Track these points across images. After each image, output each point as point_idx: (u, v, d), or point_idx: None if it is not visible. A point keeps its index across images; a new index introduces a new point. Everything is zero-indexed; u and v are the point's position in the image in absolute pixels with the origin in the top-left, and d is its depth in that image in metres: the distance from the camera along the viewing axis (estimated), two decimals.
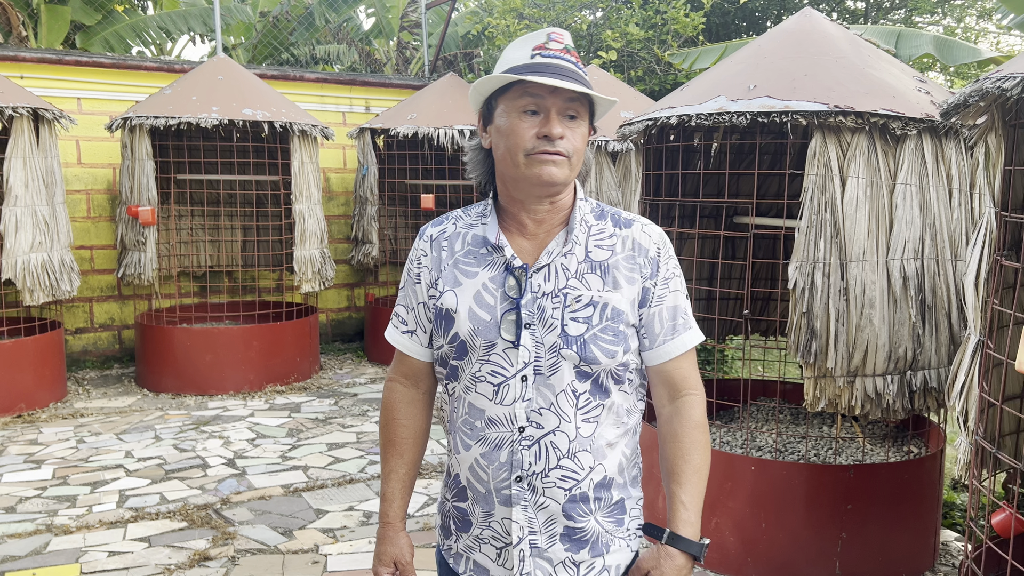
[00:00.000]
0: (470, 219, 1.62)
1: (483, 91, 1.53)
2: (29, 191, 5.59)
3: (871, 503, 3.34)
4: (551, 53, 1.49)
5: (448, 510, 1.66)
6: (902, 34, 4.55)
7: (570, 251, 1.54)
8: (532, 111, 1.48)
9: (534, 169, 1.47)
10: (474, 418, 1.56)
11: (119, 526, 3.89)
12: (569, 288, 1.52)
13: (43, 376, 5.88)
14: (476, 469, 1.56)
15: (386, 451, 1.69)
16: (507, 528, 1.54)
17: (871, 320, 3.12)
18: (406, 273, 1.66)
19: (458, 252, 1.59)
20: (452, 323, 1.55)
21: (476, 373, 1.54)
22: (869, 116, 3.05)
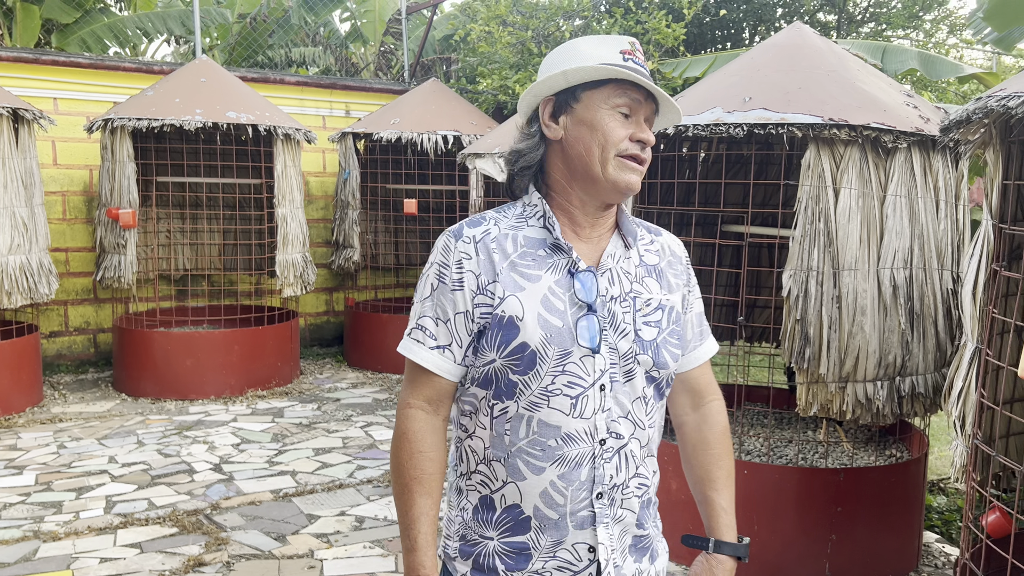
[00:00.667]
0: (511, 220, 1.49)
1: (574, 79, 1.43)
2: (8, 192, 5.50)
3: (860, 506, 3.43)
4: (639, 62, 1.45)
5: (493, 549, 1.46)
6: (887, 49, 4.70)
7: (628, 255, 1.53)
8: (625, 113, 1.44)
9: (622, 174, 1.44)
10: (546, 437, 1.43)
11: (109, 532, 3.85)
12: (635, 292, 1.50)
13: (19, 380, 5.78)
14: (551, 494, 1.43)
15: (411, 489, 1.45)
16: (579, 554, 1.45)
17: (862, 327, 3.21)
18: (434, 279, 1.46)
19: (512, 254, 1.45)
20: (516, 332, 1.41)
21: (548, 386, 1.42)
22: (862, 129, 3.14)
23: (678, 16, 7.67)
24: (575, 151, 1.45)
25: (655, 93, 1.45)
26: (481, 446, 1.48)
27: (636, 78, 1.41)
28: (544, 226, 1.48)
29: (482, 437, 1.47)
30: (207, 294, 7.61)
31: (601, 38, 1.48)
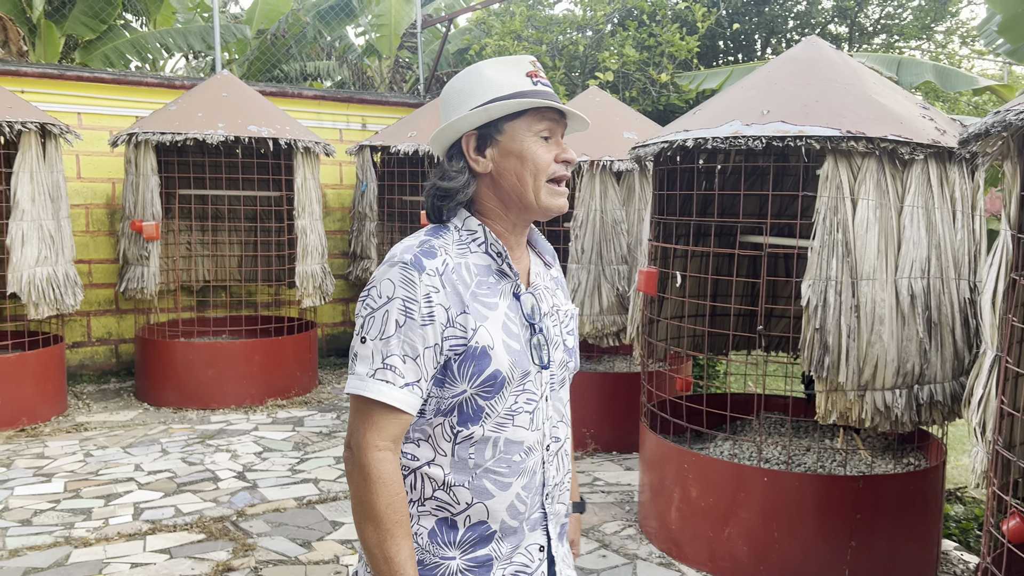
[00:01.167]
0: (454, 247, 1.49)
1: (497, 113, 1.47)
2: (36, 205, 5.61)
3: (879, 513, 3.47)
4: (543, 80, 1.51)
5: (457, 568, 1.49)
6: (902, 62, 4.76)
7: (545, 271, 1.63)
8: (546, 136, 1.49)
9: (553, 199, 1.50)
10: (511, 453, 1.49)
11: (138, 538, 3.92)
12: (556, 306, 1.60)
13: (45, 390, 5.87)
14: (516, 504, 1.50)
15: (395, 533, 1.41)
16: (532, 555, 1.54)
17: (881, 336, 3.26)
18: (399, 316, 1.41)
19: (471, 284, 1.47)
20: (488, 361, 1.44)
21: (512, 407, 1.48)
22: (879, 141, 3.20)
23: (692, 29, 7.75)
24: (508, 182, 1.49)
25: (567, 112, 1.51)
26: (440, 473, 1.48)
27: (555, 104, 1.48)
28: (487, 252, 1.51)
29: (441, 464, 1.48)
30: (226, 305, 7.71)
31: (503, 61, 1.51)
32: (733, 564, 3.61)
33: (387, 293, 1.42)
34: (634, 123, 5.57)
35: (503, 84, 1.47)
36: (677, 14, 7.88)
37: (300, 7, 10.25)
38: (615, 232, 5.21)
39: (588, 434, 5.36)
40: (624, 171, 5.20)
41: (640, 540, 4.01)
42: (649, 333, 4.27)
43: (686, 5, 7.78)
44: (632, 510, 4.38)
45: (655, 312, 4.34)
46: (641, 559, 3.81)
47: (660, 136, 3.76)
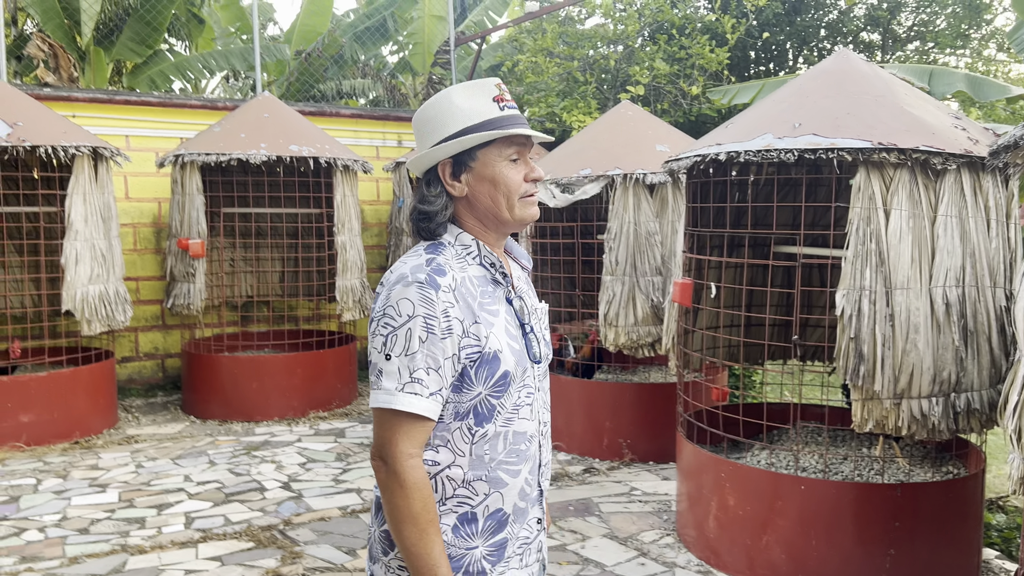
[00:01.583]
0: (454, 262, 1.61)
1: (469, 143, 1.59)
2: (88, 226, 5.83)
3: (918, 521, 3.48)
4: (510, 104, 1.63)
5: (480, 555, 1.62)
6: (934, 72, 4.77)
7: (523, 274, 1.80)
8: (516, 158, 1.62)
9: (526, 210, 1.65)
10: (519, 443, 1.64)
11: (190, 546, 4.06)
12: (534, 305, 1.78)
13: (97, 404, 6.08)
14: (524, 488, 1.66)
15: (429, 532, 1.54)
16: (531, 527, 1.72)
17: (916, 345, 3.29)
18: (422, 332, 1.52)
19: (477, 296, 1.60)
20: (499, 363, 1.58)
21: (516, 402, 1.63)
22: (911, 152, 3.24)
23: (721, 41, 7.80)
24: (483, 204, 1.64)
25: (532, 136, 1.64)
26: (460, 473, 1.60)
27: (523, 132, 1.60)
28: (481, 264, 1.65)
29: (460, 465, 1.60)
30: (267, 319, 7.89)
31: (471, 87, 1.63)
32: (771, 572, 3.65)
33: (407, 312, 1.53)
34: (666, 136, 5.63)
35: (472, 112, 1.60)
36: (707, 26, 7.94)
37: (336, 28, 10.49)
38: (649, 244, 5.27)
39: (625, 444, 5.41)
40: (657, 184, 5.27)
41: (678, 548, 4.05)
42: (685, 343, 4.33)
43: (715, 17, 7.83)
44: (669, 519, 4.43)
45: (690, 323, 4.40)
46: (680, 567, 3.85)
47: (693, 150, 3.83)
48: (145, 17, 7.95)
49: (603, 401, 5.49)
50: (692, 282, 4.04)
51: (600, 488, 4.92)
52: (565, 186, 5.44)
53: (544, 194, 5.58)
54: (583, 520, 4.40)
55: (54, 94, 6.95)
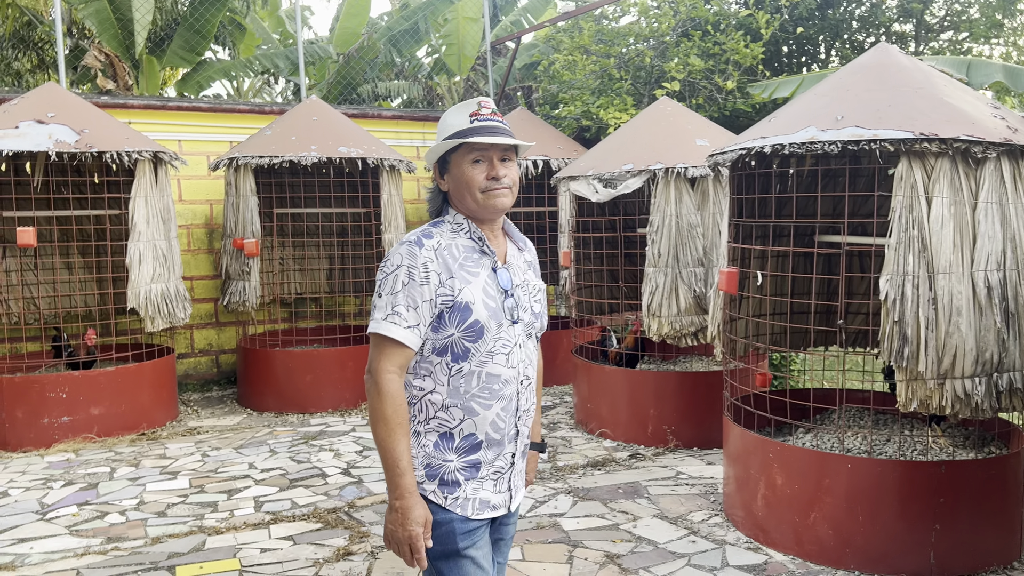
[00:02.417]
0: (447, 234, 2.06)
1: (439, 152, 2.08)
2: (150, 227, 6.11)
3: (961, 498, 3.61)
4: (484, 117, 2.04)
5: (454, 467, 2.03)
6: (972, 63, 4.88)
7: (518, 255, 2.20)
8: (477, 160, 2.03)
9: (491, 201, 2.04)
10: (491, 383, 2.04)
11: (262, 527, 4.30)
12: (526, 281, 2.17)
13: (160, 397, 6.37)
14: (496, 422, 2.06)
15: (397, 432, 1.94)
16: (507, 459, 2.12)
17: (959, 327, 3.42)
18: (404, 277, 1.96)
19: (459, 258, 2.03)
20: (470, 312, 1.99)
21: (491, 349, 2.03)
22: (952, 142, 3.37)
23: (756, 36, 7.91)
24: (457, 196, 2.09)
25: (493, 142, 2.01)
26: (439, 399, 2.02)
27: (472, 141, 2.00)
28: (471, 238, 2.08)
29: (440, 392, 2.02)
30: (315, 316, 8.15)
31: (460, 106, 2.08)
32: (819, 548, 3.79)
33: (396, 263, 2.00)
34: (705, 131, 5.78)
35: (452, 126, 2.06)
36: (740, 22, 8.04)
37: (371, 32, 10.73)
38: (691, 236, 5.43)
39: (669, 431, 5.58)
40: (698, 177, 5.42)
41: (727, 527, 4.21)
42: (730, 331, 4.48)
43: (748, 13, 7.94)
44: (716, 501, 4.58)
45: (735, 311, 4.55)
46: (729, 544, 4.02)
47: (737, 143, 3.99)
48: (195, 26, 8.25)
49: (647, 390, 5.65)
50: (738, 271, 4.19)
51: (647, 472, 5.09)
52: (608, 181, 5.61)
53: (586, 189, 5.75)
54: (632, 502, 4.58)
55: (111, 101, 7.25)
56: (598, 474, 5.08)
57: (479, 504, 2.07)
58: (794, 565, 3.78)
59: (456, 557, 2.05)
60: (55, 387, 5.81)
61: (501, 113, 2.15)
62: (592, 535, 4.14)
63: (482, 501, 2.08)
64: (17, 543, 4.14)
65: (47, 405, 5.78)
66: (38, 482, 5.08)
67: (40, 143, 5.60)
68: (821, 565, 3.77)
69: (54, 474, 5.23)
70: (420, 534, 1.96)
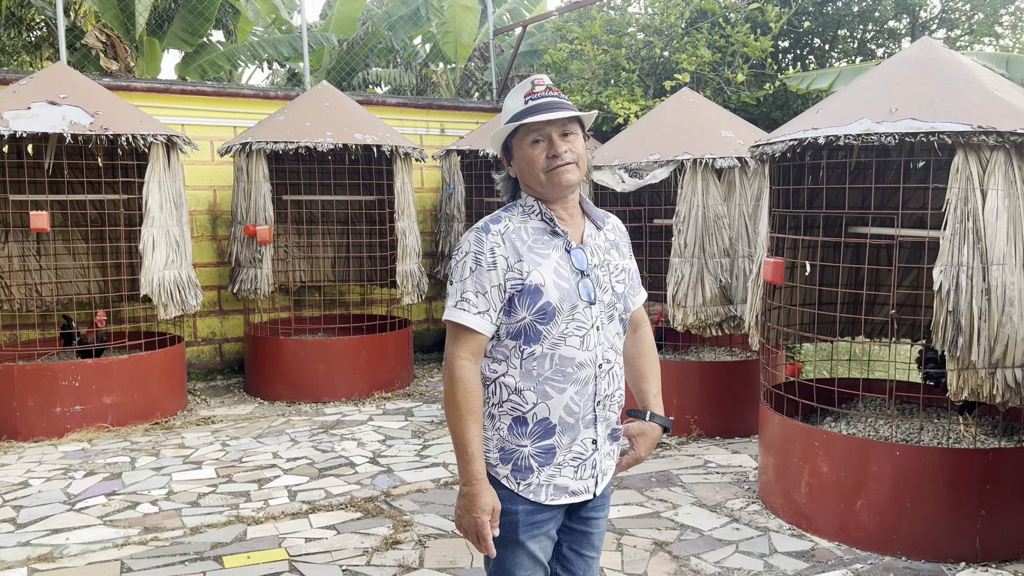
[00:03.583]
0: (518, 217, 2.05)
1: (499, 139, 2.08)
2: (163, 212, 5.98)
3: (1007, 484, 3.69)
4: (538, 95, 2.03)
5: (528, 453, 2.01)
6: (1011, 59, 4.97)
7: (598, 234, 2.14)
8: (537, 140, 2.01)
9: (556, 178, 2.01)
10: (565, 366, 2.00)
11: (302, 517, 4.24)
12: (607, 260, 2.11)
13: (171, 386, 6.25)
14: (571, 406, 2.02)
15: (467, 419, 1.94)
16: (586, 445, 2.07)
17: (1011, 317, 3.49)
18: (472, 264, 1.97)
19: (528, 240, 2.00)
20: (541, 295, 1.96)
21: (563, 331, 1.99)
22: (1009, 135, 3.43)
23: (764, 29, 7.97)
24: (525, 178, 2.07)
25: (554, 120, 1.99)
26: (512, 382, 2.01)
27: (527, 121, 1.98)
28: (542, 219, 2.06)
29: (513, 375, 2.01)
30: (319, 304, 8.06)
31: (516, 89, 2.08)
32: (865, 534, 3.85)
33: (465, 249, 2.00)
34: (728, 122, 5.81)
35: (509, 110, 2.07)
36: (748, 15, 8.09)
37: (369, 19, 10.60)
38: (717, 227, 5.46)
39: (692, 420, 5.62)
40: (725, 168, 5.45)
41: (767, 515, 4.26)
42: (768, 320, 4.52)
43: (757, 6, 8.00)
44: (750, 488, 4.63)
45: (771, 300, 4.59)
46: (773, 531, 4.06)
47: (787, 134, 4.01)
48: (197, 8, 8.07)
49: (669, 379, 5.67)
50: (784, 261, 4.22)
51: (676, 461, 5.12)
52: (634, 171, 5.61)
53: (611, 179, 5.75)
54: (668, 490, 4.61)
55: (114, 83, 7.07)
56: None
57: (555, 490, 2.04)
58: (840, 551, 3.84)
59: (515, 546, 2.04)
60: (67, 375, 5.67)
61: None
62: (636, 523, 4.15)
63: (558, 487, 2.04)
64: (51, 534, 4.04)
65: (59, 394, 5.64)
66: (58, 472, 4.96)
67: (55, 124, 5.45)
68: (868, 551, 3.83)
69: (72, 464, 5.11)
70: (487, 521, 1.95)
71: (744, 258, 5.48)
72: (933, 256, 3.69)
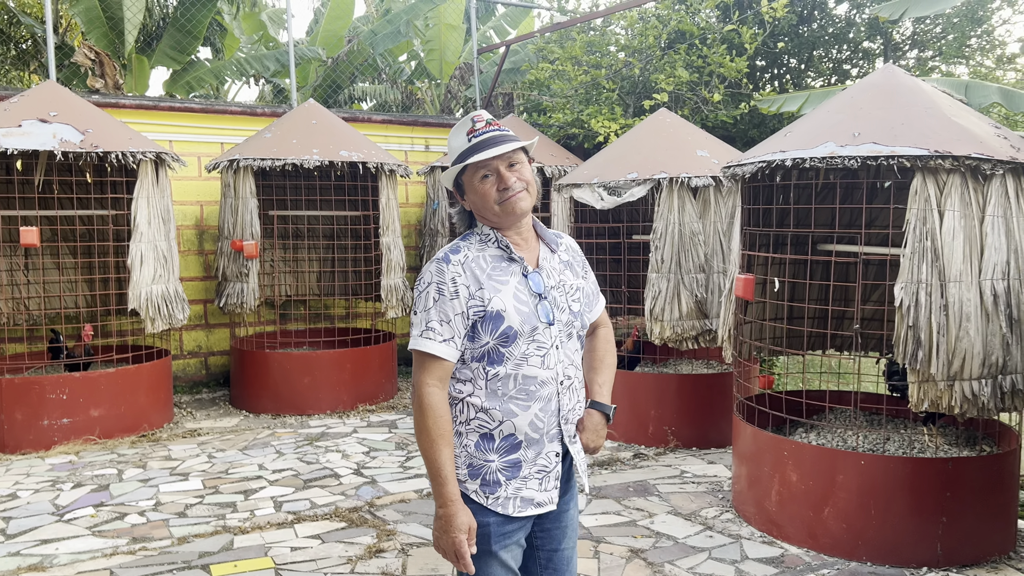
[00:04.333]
0: (476, 246, 2.15)
1: (450, 177, 2.17)
2: (151, 228, 6.08)
3: (967, 492, 3.85)
4: (479, 132, 2.12)
5: (495, 467, 2.11)
6: (970, 85, 5.19)
7: (552, 256, 2.25)
8: (486, 175, 2.10)
9: (509, 207, 2.10)
10: (528, 384, 2.10)
11: (287, 526, 4.35)
12: (563, 280, 2.22)
13: (158, 399, 6.33)
14: (535, 422, 2.12)
15: (439, 444, 2.02)
16: (550, 458, 2.18)
17: (968, 332, 3.66)
18: (435, 293, 2.06)
19: (487, 268, 2.10)
20: (502, 320, 2.06)
21: (525, 352, 2.10)
22: (964, 159, 3.62)
23: (740, 51, 8.19)
24: (479, 211, 2.17)
25: (499, 155, 2.07)
26: (479, 401, 2.10)
27: (472, 160, 2.06)
28: (499, 247, 2.16)
29: (479, 395, 2.10)
30: (304, 318, 8.16)
31: (457, 128, 2.17)
32: (832, 541, 4.00)
33: (427, 280, 2.10)
34: (703, 142, 5.99)
35: (455, 149, 2.15)
36: (724, 36, 8.31)
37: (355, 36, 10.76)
38: (693, 243, 5.63)
39: (670, 431, 5.76)
40: (700, 187, 5.63)
41: (740, 523, 4.40)
42: (740, 334, 4.68)
43: (732, 28, 8.21)
44: (724, 497, 4.78)
45: (742, 315, 4.75)
46: (745, 538, 4.20)
47: (756, 156, 4.19)
48: (186, 26, 8.19)
49: (648, 391, 5.83)
50: (754, 277, 4.39)
51: (652, 471, 5.26)
52: (613, 189, 5.78)
53: (591, 196, 5.92)
54: (645, 499, 4.74)
55: (103, 100, 7.18)
56: (606, 473, 5.23)
57: (521, 502, 2.14)
58: (809, 557, 3.99)
59: (488, 556, 2.13)
60: (55, 388, 5.74)
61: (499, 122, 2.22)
62: (612, 531, 4.29)
63: (524, 499, 2.14)
64: (40, 544, 4.12)
65: (47, 407, 5.71)
66: (45, 484, 5.03)
67: (45, 142, 5.55)
68: (835, 557, 3.98)
69: (60, 476, 5.19)
70: (463, 540, 2.03)
71: (719, 274, 5.65)
72: (896, 273, 3.86)
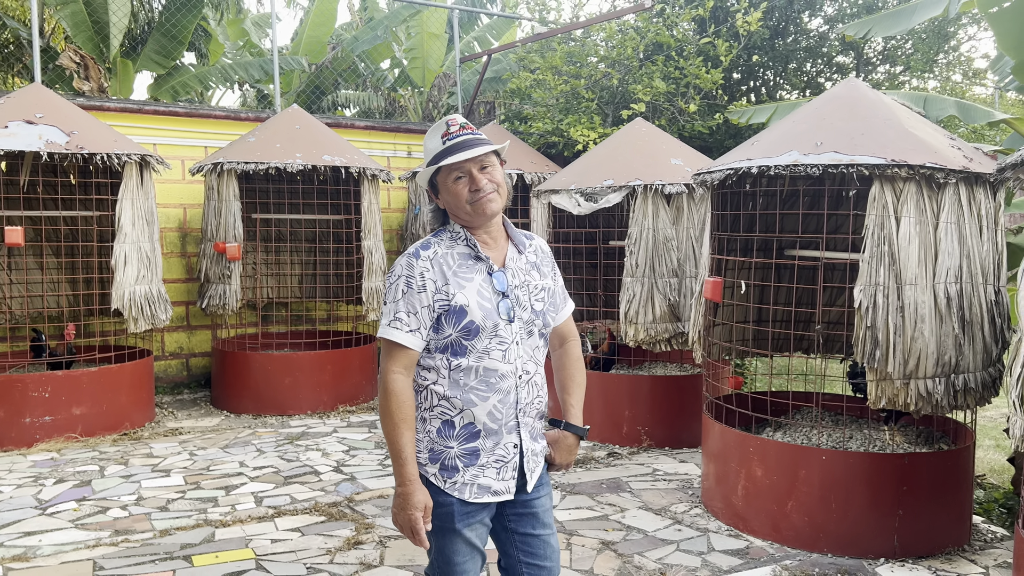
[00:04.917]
0: (445, 243, 2.27)
1: (425, 177, 2.29)
2: (135, 229, 6.17)
3: (922, 487, 4.03)
4: (453, 135, 2.23)
5: (455, 454, 2.22)
6: (928, 98, 5.41)
7: (520, 257, 2.36)
8: (459, 176, 2.21)
9: (480, 208, 2.22)
10: (488, 377, 2.21)
11: (268, 520, 4.45)
12: (528, 280, 2.33)
13: (140, 398, 6.40)
14: (494, 412, 2.23)
15: (401, 427, 2.16)
16: (508, 449, 2.28)
17: (922, 332, 3.85)
18: (404, 286, 2.19)
19: (454, 265, 2.22)
20: (465, 314, 2.18)
21: (487, 346, 2.21)
22: (919, 168, 3.80)
23: (715, 63, 8.40)
24: (452, 210, 2.29)
25: (472, 158, 2.18)
26: (441, 389, 2.22)
27: (446, 162, 2.18)
28: (467, 245, 2.27)
29: (442, 384, 2.22)
30: (285, 320, 8.25)
31: (432, 131, 2.28)
32: (795, 533, 4.16)
33: (397, 273, 2.22)
34: (677, 151, 6.18)
35: (430, 151, 2.26)
36: (700, 49, 8.53)
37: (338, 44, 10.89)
38: (666, 248, 5.80)
39: (643, 431, 5.92)
40: (674, 194, 5.80)
41: (708, 517, 4.56)
42: (710, 336, 4.85)
43: (708, 40, 8.43)
44: (694, 494, 4.93)
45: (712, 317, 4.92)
46: (712, 532, 4.36)
47: (725, 164, 4.36)
48: (171, 31, 8.29)
49: (622, 392, 5.98)
50: (723, 280, 4.56)
51: (626, 469, 5.41)
52: (589, 195, 5.94)
53: (568, 202, 6.08)
54: (617, 496, 4.89)
55: (88, 103, 7.26)
56: (580, 471, 5.37)
57: (478, 489, 2.24)
58: (773, 549, 4.14)
59: (452, 534, 2.25)
60: (37, 387, 5.81)
61: (473, 125, 2.35)
62: (585, 525, 4.42)
63: (481, 486, 2.25)
64: (24, 536, 4.20)
65: (29, 404, 5.77)
66: (28, 480, 5.10)
67: (31, 143, 5.63)
68: (797, 549, 4.14)
69: (42, 472, 5.25)
70: (419, 518, 2.15)
71: (691, 278, 5.82)
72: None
